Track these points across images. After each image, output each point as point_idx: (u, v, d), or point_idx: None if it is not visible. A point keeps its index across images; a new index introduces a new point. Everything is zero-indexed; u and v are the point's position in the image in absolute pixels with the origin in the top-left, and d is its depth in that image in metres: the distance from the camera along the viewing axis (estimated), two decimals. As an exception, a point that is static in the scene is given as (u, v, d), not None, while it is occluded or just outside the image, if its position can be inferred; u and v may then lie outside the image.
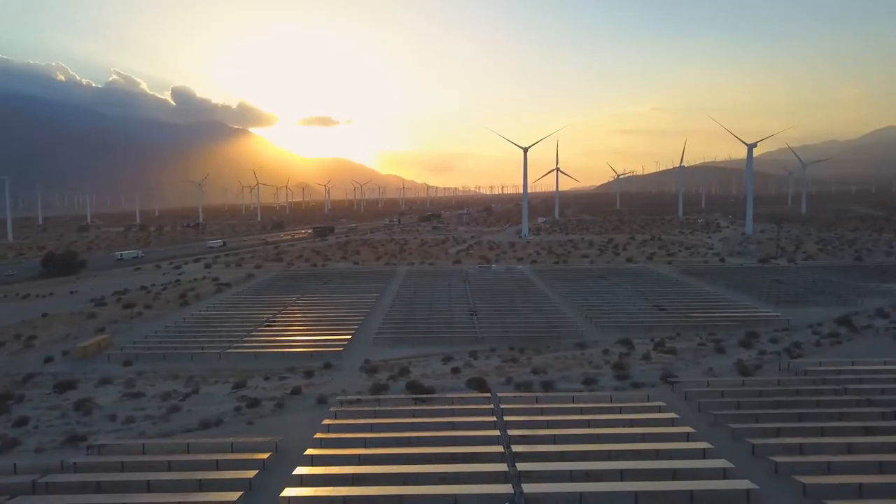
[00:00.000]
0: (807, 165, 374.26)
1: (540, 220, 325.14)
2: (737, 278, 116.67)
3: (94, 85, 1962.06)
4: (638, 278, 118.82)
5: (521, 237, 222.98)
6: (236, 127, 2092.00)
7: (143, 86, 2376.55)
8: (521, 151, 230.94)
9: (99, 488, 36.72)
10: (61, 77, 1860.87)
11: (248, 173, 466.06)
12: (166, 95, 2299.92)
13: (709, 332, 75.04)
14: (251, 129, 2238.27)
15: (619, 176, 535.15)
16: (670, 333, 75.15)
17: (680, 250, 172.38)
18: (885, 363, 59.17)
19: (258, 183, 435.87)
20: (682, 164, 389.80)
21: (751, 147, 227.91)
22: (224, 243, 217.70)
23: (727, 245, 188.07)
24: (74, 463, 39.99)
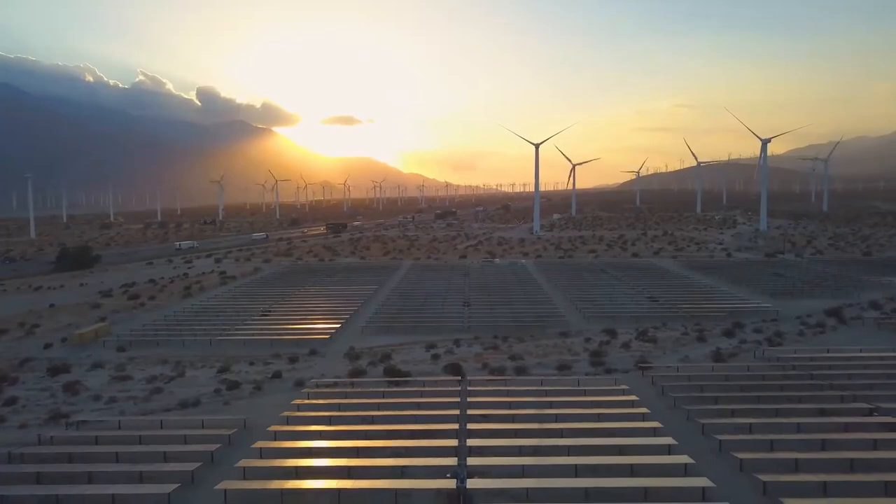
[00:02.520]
0: (829, 162, 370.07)
1: (555, 216, 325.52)
2: (738, 272, 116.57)
3: (121, 86, 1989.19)
4: (639, 272, 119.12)
5: (532, 233, 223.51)
6: (260, 126, 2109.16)
7: (169, 86, 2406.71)
8: (540, 149, 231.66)
9: (70, 459, 38.71)
10: (89, 78, 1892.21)
11: (269, 172, 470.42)
12: (191, 95, 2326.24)
13: (695, 323, 75.53)
14: (275, 129, 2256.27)
15: (638, 174, 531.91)
16: (657, 323, 75.81)
17: (689, 245, 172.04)
18: (860, 350, 59.59)
19: (276, 181, 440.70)
20: (701, 161, 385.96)
21: (765, 142, 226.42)
22: (267, 236, 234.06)
23: (738, 240, 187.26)
24: (52, 437, 42.18)
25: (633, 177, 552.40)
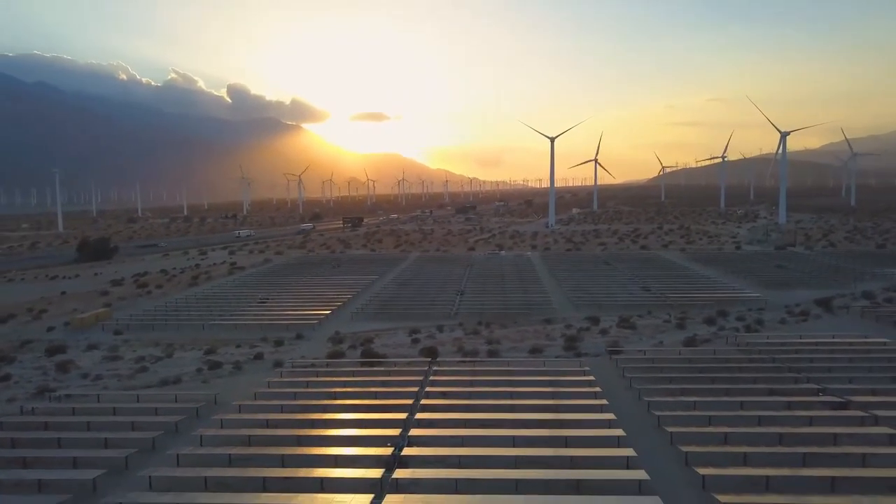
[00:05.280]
0: (856, 155, 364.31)
1: (574, 211, 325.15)
2: (741, 264, 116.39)
3: (153, 84, 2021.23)
4: (641, 264, 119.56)
5: (547, 227, 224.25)
6: (289, 123, 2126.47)
7: (201, 83, 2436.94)
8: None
9: (46, 427, 41.37)
10: (123, 76, 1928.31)
11: (297, 169, 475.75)
12: (222, 93, 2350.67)
13: (681, 311, 76.21)
14: (304, 125, 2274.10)
15: (664, 169, 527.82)
16: (642, 312, 76.68)
17: (701, 238, 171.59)
18: (833, 337, 60.10)
19: (299, 176, 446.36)
20: (725, 156, 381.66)
21: (784, 135, 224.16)
22: (314, 227, 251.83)
23: (753, 234, 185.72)
24: (33, 408, 44.96)
25: (660, 172, 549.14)
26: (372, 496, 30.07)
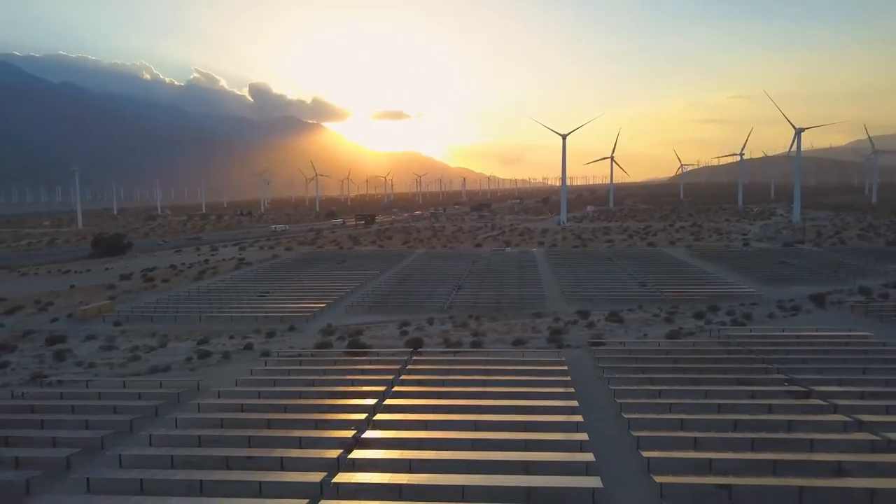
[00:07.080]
0: (878, 153, 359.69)
1: (589, 208, 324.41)
2: (743, 261, 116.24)
3: (176, 83, 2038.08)
4: (643, 260, 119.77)
5: (558, 224, 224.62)
6: (310, 122, 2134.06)
7: (223, 83, 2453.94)
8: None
9: (32, 410, 43.23)
10: (147, 76, 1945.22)
11: (317, 167, 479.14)
12: (244, 92, 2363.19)
13: (672, 305, 76.66)
14: (324, 124, 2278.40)
15: (682, 166, 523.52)
16: (633, 306, 77.21)
17: (710, 236, 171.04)
18: (816, 330, 60.47)
19: (316, 174, 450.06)
20: (743, 154, 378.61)
21: (798, 132, 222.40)
22: (343, 222, 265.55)
23: (765, 231, 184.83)
24: (23, 392, 46.90)
25: (680, 171, 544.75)
26: (325, 474, 31.33)
